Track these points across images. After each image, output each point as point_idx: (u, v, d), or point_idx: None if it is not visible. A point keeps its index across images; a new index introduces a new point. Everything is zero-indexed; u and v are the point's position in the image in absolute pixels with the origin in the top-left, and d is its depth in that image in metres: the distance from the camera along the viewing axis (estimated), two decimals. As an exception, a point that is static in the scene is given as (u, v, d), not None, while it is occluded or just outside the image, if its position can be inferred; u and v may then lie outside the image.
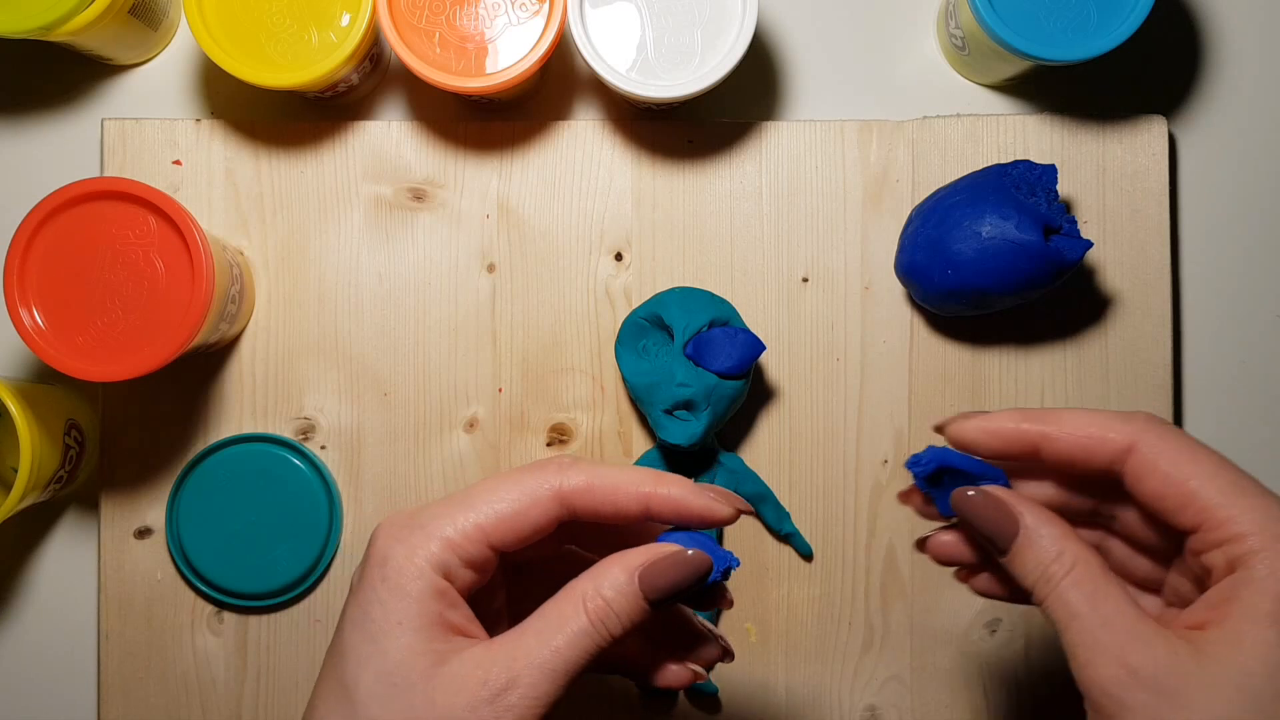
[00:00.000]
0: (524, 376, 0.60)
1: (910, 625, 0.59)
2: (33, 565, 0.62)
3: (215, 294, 0.52)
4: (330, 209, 0.60)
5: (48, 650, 0.62)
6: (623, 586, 0.38)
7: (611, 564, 0.39)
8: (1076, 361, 0.60)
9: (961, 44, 0.60)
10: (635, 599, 0.38)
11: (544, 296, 0.60)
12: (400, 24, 0.55)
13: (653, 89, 0.54)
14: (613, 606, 0.38)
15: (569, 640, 0.37)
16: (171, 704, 0.59)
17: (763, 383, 0.60)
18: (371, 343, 0.60)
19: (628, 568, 0.38)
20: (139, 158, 0.60)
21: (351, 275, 0.60)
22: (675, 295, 0.57)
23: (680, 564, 0.38)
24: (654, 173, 0.60)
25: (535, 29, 0.55)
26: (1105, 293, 0.60)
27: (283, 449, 0.58)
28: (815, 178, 0.60)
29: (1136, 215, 0.60)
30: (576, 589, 0.38)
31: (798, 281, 0.60)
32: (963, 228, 0.55)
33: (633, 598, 0.38)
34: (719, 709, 0.59)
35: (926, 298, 0.58)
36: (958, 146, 0.60)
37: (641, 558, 0.39)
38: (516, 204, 0.60)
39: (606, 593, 0.38)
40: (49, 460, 0.55)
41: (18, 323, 0.51)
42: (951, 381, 0.60)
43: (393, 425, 0.60)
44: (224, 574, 0.58)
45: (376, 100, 0.62)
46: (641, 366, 0.56)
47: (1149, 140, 0.60)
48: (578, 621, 0.37)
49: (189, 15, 0.55)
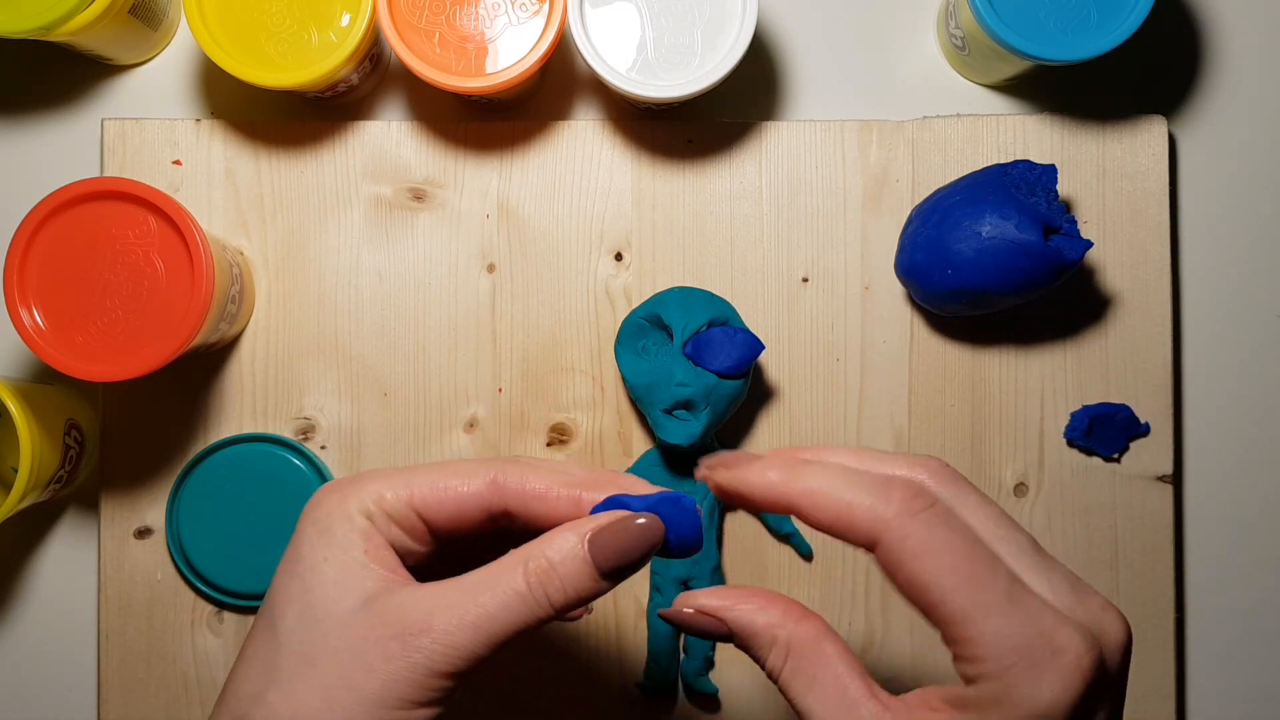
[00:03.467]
0: (524, 376, 0.60)
1: (910, 625, 0.59)
2: (33, 565, 0.62)
3: (215, 294, 0.52)
4: (330, 209, 0.60)
5: (48, 650, 0.62)
6: (571, 550, 0.36)
7: (561, 529, 0.37)
8: (1076, 361, 0.60)
9: (961, 44, 0.60)
10: (585, 565, 0.36)
11: (544, 296, 0.60)
12: (400, 24, 0.55)
13: (653, 89, 0.54)
14: (557, 570, 0.36)
15: (499, 601, 0.36)
16: (171, 704, 0.59)
17: (763, 383, 0.60)
18: (371, 343, 0.60)
19: (578, 531, 0.37)
20: (139, 158, 0.60)
21: (351, 275, 0.60)
22: (674, 295, 0.57)
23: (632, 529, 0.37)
24: (654, 173, 0.60)
25: (535, 29, 0.55)
26: (1105, 293, 0.60)
27: (283, 449, 0.58)
28: (815, 178, 0.60)
29: (1136, 215, 0.60)
30: (520, 552, 0.37)
31: (798, 281, 0.60)
32: (963, 228, 0.55)
33: (582, 563, 0.36)
34: (719, 709, 0.59)
35: (926, 298, 0.58)
36: (958, 146, 0.60)
37: (591, 524, 0.37)
38: (516, 204, 0.60)
39: (551, 554, 0.36)
40: (49, 460, 0.55)
41: (18, 323, 0.51)
42: (951, 381, 0.60)
43: (393, 425, 0.60)
44: (224, 574, 0.58)
45: (376, 100, 0.62)
46: (641, 366, 0.56)
47: (1149, 140, 0.60)
48: (513, 582, 0.36)
49: (189, 15, 0.55)
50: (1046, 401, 0.60)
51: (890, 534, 0.33)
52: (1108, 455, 0.59)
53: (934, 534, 0.33)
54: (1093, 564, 0.60)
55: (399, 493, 0.38)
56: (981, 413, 0.60)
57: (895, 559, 0.33)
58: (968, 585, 0.33)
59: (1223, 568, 0.63)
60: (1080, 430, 0.59)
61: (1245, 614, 0.63)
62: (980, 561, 0.33)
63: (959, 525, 0.34)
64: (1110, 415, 0.59)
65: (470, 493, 0.38)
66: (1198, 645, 0.63)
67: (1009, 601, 0.33)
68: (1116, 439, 0.59)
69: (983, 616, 0.33)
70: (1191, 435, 0.63)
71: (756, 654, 0.37)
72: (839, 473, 0.35)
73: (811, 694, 0.35)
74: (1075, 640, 0.33)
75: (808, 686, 0.35)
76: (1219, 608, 0.63)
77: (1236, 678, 0.63)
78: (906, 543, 0.33)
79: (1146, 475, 0.60)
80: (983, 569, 0.33)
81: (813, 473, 0.35)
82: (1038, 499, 0.60)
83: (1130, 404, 0.59)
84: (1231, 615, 0.63)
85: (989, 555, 0.34)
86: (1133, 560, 0.60)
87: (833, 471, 0.35)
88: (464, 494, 0.38)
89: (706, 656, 0.58)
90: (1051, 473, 0.60)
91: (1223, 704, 0.63)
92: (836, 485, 0.34)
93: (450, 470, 0.39)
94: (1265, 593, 0.63)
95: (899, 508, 0.34)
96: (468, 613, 0.36)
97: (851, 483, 0.34)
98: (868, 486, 0.34)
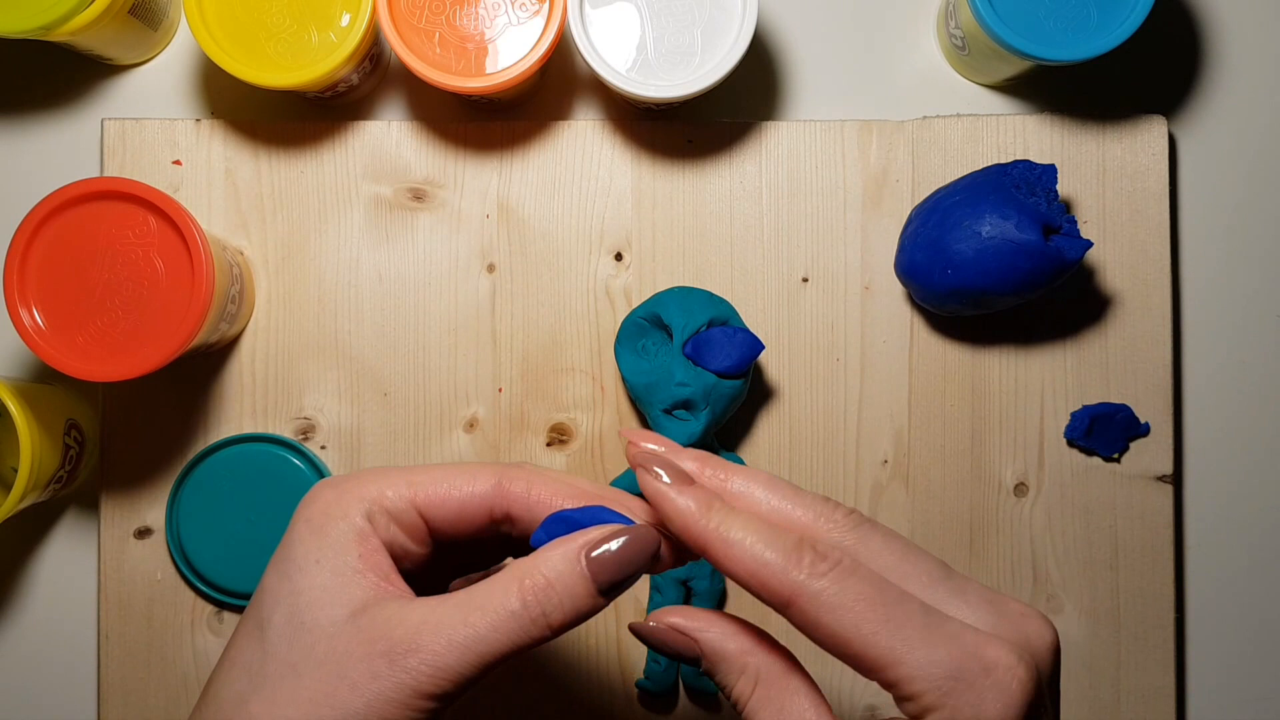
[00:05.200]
0: (524, 376, 0.60)
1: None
2: (33, 565, 0.62)
3: (215, 294, 0.52)
4: (330, 209, 0.60)
5: (48, 650, 0.62)
6: (568, 566, 0.35)
7: (554, 545, 0.36)
8: (1076, 361, 0.60)
9: (961, 44, 0.60)
10: (583, 582, 0.35)
11: (544, 296, 0.60)
12: (400, 24, 0.55)
13: (653, 89, 0.54)
14: (555, 588, 0.35)
15: (492, 622, 0.35)
16: (171, 704, 0.59)
17: (763, 383, 0.60)
18: (371, 343, 0.60)
19: (575, 549, 0.36)
20: (139, 158, 0.60)
21: (351, 275, 0.60)
22: (674, 295, 0.57)
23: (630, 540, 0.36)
24: (654, 173, 0.60)
25: (535, 29, 0.55)
26: (1105, 293, 0.60)
27: (283, 449, 0.58)
28: (815, 178, 0.60)
29: (1136, 215, 0.60)
30: (515, 568, 0.36)
31: (798, 281, 0.60)
32: (962, 227, 0.55)
33: (580, 579, 0.35)
34: (719, 709, 0.59)
35: (926, 298, 0.58)
36: (958, 146, 0.60)
37: (584, 537, 0.36)
38: (516, 204, 0.60)
39: (547, 571, 0.35)
40: (49, 460, 0.55)
41: (18, 323, 0.51)
42: (951, 381, 0.60)
43: (393, 425, 0.60)
44: (224, 574, 0.58)
45: (376, 100, 0.62)
46: (641, 366, 0.56)
47: (1149, 140, 0.60)
48: (507, 602, 0.35)
49: (189, 15, 0.55)
50: (1046, 401, 0.60)
51: (802, 595, 0.34)
52: (1108, 455, 0.59)
53: (844, 587, 0.34)
54: (1093, 564, 0.60)
55: (401, 491, 0.38)
56: (981, 413, 0.60)
57: (812, 618, 0.34)
58: (885, 626, 0.33)
59: (1223, 568, 0.63)
60: (1080, 430, 0.59)
61: (1245, 614, 0.63)
62: (893, 602, 0.33)
63: (865, 573, 0.34)
64: (1110, 415, 0.59)
65: (475, 494, 0.38)
66: (1198, 645, 0.63)
67: (928, 630, 0.33)
68: (1116, 439, 0.59)
69: (907, 652, 0.33)
70: (1191, 435, 0.63)
71: (723, 679, 0.36)
72: (756, 528, 0.35)
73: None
74: (1004, 654, 0.33)
75: (774, 717, 0.35)
76: (1219, 608, 0.63)
77: (1236, 678, 0.63)
78: (819, 598, 0.33)
79: (1146, 475, 0.60)
80: (896, 608, 0.33)
81: (733, 523, 0.35)
82: (1038, 499, 0.60)
83: (1130, 404, 0.59)
84: (1231, 615, 0.63)
85: (899, 593, 0.34)
86: (1133, 560, 0.60)
87: (751, 525, 0.35)
88: (468, 495, 0.38)
89: (706, 656, 0.58)
90: (1051, 473, 0.60)
91: (1223, 704, 0.63)
92: (755, 543, 0.34)
93: (455, 471, 0.38)
94: (1265, 593, 0.63)
95: (809, 570, 0.34)
96: (457, 633, 0.35)
97: (768, 541, 0.34)
98: (781, 547, 0.34)
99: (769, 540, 0.34)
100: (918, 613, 0.33)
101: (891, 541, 0.36)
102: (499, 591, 0.35)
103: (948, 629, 0.33)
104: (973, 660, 0.33)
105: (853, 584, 0.34)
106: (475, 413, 0.60)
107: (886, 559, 0.35)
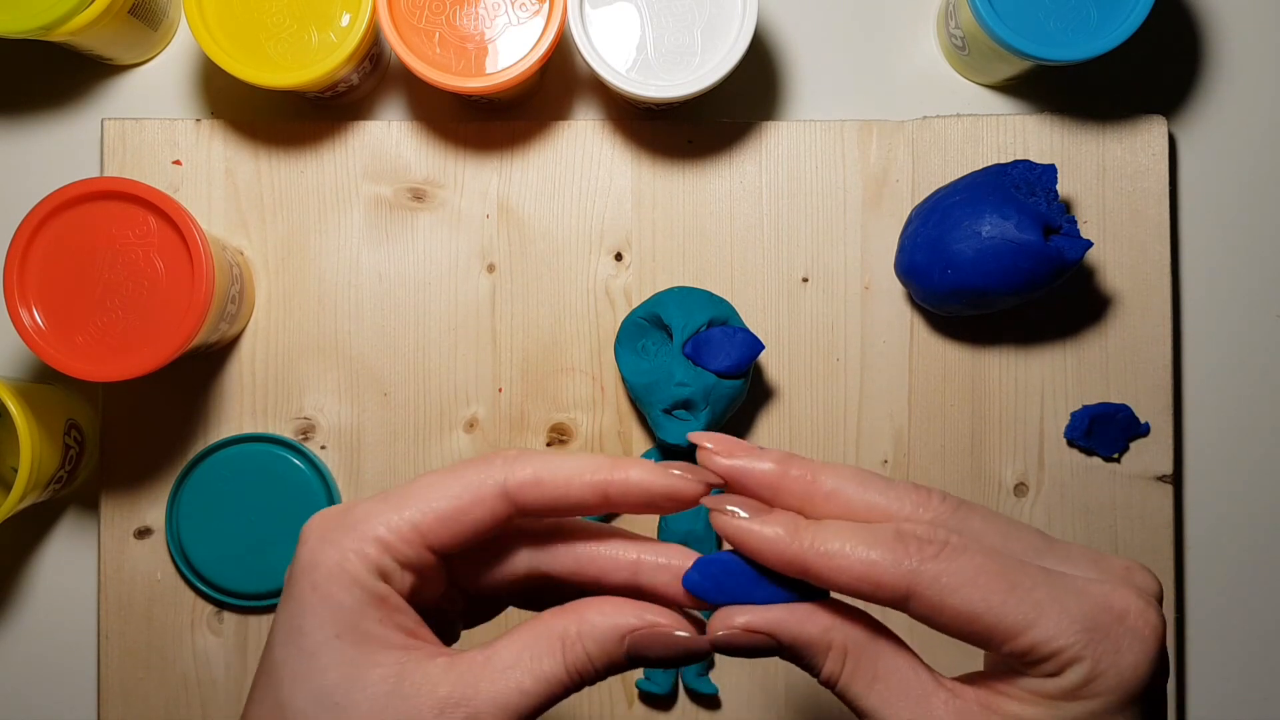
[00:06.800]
0: (524, 376, 0.60)
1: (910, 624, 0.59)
2: (33, 565, 0.62)
3: (215, 294, 0.52)
4: (330, 209, 0.60)
5: (48, 650, 0.62)
6: (611, 647, 0.35)
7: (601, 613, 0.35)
8: (1076, 361, 0.60)
9: (961, 44, 0.60)
10: (619, 659, 0.35)
11: (544, 296, 0.60)
12: (400, 24, 0.55)
13: (653, 89, 0.54)
14: (595, 663, 0.34)
15: (540, 685, 0.34)
16: (171, 704, 0.59)
17: (762, 383, 0.60)
18: (371, 343, 0.60)
19: (618, 629, 0.35)
20: (139, 158, 0.60)
21: (351, 275, 0.60)
22: (674, 295, 0.57)
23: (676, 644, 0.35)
24: (654, 173, 0.60)
25: (535, 29, 0.55)
26: (1105, 293, 0.60)
27: (283, 449, 0.58)
28: (815, 178, 0.60)
29: (1136, 215, 0.60)
30: (557, 626, 0.35)
31: (798, 281, 0.60)
32: (962, 227, 0.55)
33: (617, 658, 0.35)
34: (719, 709, 0.59)
35: (926, 298, 0.58)
36: (958, 146, 0.60)
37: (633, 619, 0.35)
38: (516, 204, 0.60)
39: (591, 647, 0.35)
40: (49, 460, 0.55)
41: (18, 323, 0.51)
42: (951, 381, 0.60)
43: (393, 425, 0.60)
44: (224, 574, 0.58)
45: (376, 100, 0.62)
46: (641, 366, 0.56)
47: (1149, 140, 0.60)
48: (554, 668, 0.34)
49: (189, 15, 0.55)
50: (1046, 401, 0.60)
51: (920, 582, 0.33)
52: (1108, 455, 0.59)
53: (961, 564, 0.33)
54: (1093, 564, 0.60)
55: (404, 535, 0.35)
56: (981, 413, 0.60)
57: (935, 603, 0.33)
58: (1014, 594, 0.33)
59: (1223, 568, 0.63)
60: (1080, 430, 0.59)
61: (1245, 614, 0.63)
62: (1013, 569, 0.33)
63: (976, 548, 0.34)
64: (1110, 415, 0.59)
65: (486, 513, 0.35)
66: (1198, 645, 0.63)
67: (1053, 589, 0.33)
68: (1116, 439, 0.59)
69: (1040, 614, 0.33)
70: (1191, 435, 0.63)
71: (811, 663, 0.35)
72: (851, 532, 0.34)
73: (874, 692, 0.35)
74: (1132, 600, 0.34)
75: (869, 685, 0.35)
76: (1219, 608, 0.63)
77: (1236, 678, 0.63)
78: (939, 581, 0.33)
79: (1146, 475, 0.60)
80: (1019, 575, 0.33)
81: (826, 535, 0.34)
82: (1038, 499, 0.60)
83: (1130, 404, 0.59)
84: (1231, 615, 0.63)
85: (1016, 561, 0.34)
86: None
87: (845, 531, 0.34)
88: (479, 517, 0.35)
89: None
90: (1051, 473, 0.60)
91: (1223, 704, 0.63)
92: (856, 547, 0.34)
93: (451, 489, 0.35)
94: (1265, 593, 0.63)
95: (919, 556, 0.33)
96: (510, 700, 0.34)
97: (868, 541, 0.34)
98: (883, 542, 0.34)
99: (869, 540, 0.34)
100: (1040, 575, 0.33)
101: (992, 519, 0.35)
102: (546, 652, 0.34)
103: (1072, 584, 0.34)
104: (1104, 611, 0.33)
105: (968, 560, 0.33)
106: (475, 413, 0.60)
107: (991, 537, 0.35)
